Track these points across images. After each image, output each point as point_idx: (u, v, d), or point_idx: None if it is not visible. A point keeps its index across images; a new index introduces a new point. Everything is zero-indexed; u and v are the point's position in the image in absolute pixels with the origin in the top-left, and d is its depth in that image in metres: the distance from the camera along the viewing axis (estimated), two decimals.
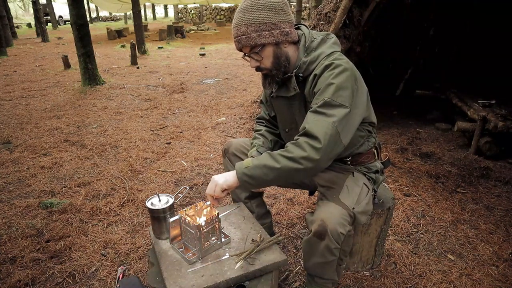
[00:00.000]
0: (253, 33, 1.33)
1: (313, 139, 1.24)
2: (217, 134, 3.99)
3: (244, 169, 1.29)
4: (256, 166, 1.28)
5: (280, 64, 1.40)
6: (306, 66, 1.39)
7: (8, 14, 13.79)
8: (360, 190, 1.43)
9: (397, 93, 4.95)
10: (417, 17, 4.48)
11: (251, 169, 1.28)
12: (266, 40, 1.34)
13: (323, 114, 1.27)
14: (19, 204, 2.57)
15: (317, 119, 1.27)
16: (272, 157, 1.27)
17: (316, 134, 1.24)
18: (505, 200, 2.57)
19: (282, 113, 1.60)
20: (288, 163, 1.25)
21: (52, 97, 5.75)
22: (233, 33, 1.39)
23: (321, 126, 1.25)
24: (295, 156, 1.24)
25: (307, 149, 1.24)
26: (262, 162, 1.28)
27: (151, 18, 31.81)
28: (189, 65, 8.80)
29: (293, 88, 1.43)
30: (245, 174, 1.29)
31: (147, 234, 2.23)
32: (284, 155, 1.26)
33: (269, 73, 1.43)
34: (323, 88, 1.30)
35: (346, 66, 1.32)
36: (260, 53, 1.37)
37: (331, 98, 1.27)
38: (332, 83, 1.28)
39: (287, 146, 1.29)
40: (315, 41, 1.41)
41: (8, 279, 1.85)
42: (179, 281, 1.25)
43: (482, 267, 1.90)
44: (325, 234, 1.27)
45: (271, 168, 1.26)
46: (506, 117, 3.13)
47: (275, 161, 1.26)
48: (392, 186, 2.76)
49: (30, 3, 20.45)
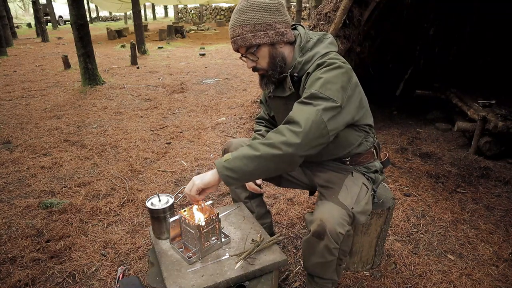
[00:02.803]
0: (248, 34, 1.33)
1: (293, 124, 1.23)
2: (217, 134, 3.99)
3: (224, 162, 1.25)
4: (235, 157, 1.24)
5: (276, 64, 1.40)
6: (301, 66, 1.39)
7: (8, 14, 13.79)
8: (359, 190, 1.43)
9: (397, 93, 4.95)
10: (417, 17, 4.48)
11: (230, 162, 1.24)
12: (261, 41, 1.34)
13: (309, 104, 1.25)
14: (19, 204, 2.57)
15: (301, 108, 1.26)
16: (251, 147, 1.24)
17: (297, 119, 1.22)
18: (505, 200, 2.57)
19: (279, 113, 1.60)
20: (267, 149, 1.21)
21: (52, 97, 5.75)
22: (229, 34, 1.40)
23: (304, 112, 1.23)
24: (274, 141, 1.21)
25: (287, 133, 1.21)
26: (242, 153, 1.24)
27: (151, 18, 31.80)
28: (189, 65, 8.80)
29: (288, 88, 1.43)
30: (225, 168, 1.24)
31: (147, 234, 2.23)
32: (263, 142, 1.23)
33: (265, 73, 1.44)
34: (311, 82, 1.30)
35: (340, 64, 1.31)
36: (255, 53, 1.37)
37: (318, 91, 1.25)
38: (321, 77, 1.28)
39: (266, 135, 1.27)
40: (310, 41, 1.41)
41: (8, 279, 1.85)
42: (179, 281, 1.25)
43: (482, 267, 1.90)
44: (324, 234, 1.27)
45: (251, 157, 1.22)
46: (506, 117, 3.13)
47: (254, 149, 1.22)
48: (392, 186, 2.76)
49: (30, 3, 20.44)
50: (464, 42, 4.62)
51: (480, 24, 4.39)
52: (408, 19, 4.42)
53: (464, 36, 4.57)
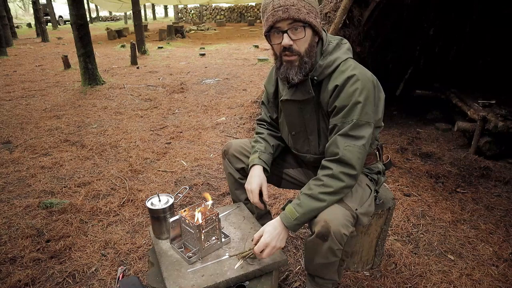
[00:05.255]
0: (303, 9, 1.27)
1: (348, 167, 1.29)
2: (217, 134, 3.99)
3: (294, 221, 1.31)
4: (303, 213, 1.30)
5: (312, 54, 1.34)
6: (322, 70, 1.37)
7: (8, 14, 13.80)
8: (362, 191, 1.43)
9: (397, 93, 4.95)
10: (417, 17, 4.47)
11: (300, 218, 1.30)
12: (313, 21, 1.29)
13: (353, 137, 1.30)
14: (19, 204, 2.57)
15: (348, 144, 1.30)
16: (314, 199, 1.29)
17: (350, 161, 1.29)
18: (505, 200, 2.57)
19: (291, 117, 1.54)
20: (332, 198, 1.29)
21: (52, 97, 5.75)
22: (278, 3, 1.26)
23: (353, 152, 1.29)
24: (336, 189, 1.29)
25: (345, 179, 1.29)
26: (308, 207, 1.30)
27: (151, 18, 31.81)
28: (189, 65, 8.80)
29: (308, 91, 1.39)
30: (297, 225, 1.32)
31: (147, 234, 2.23)
32: (325, 191, 1.29)
33: (298, 59, 1.32)
34: (349, 108, 1.30)
35: (369, 77, 1.34)
36: (300, 31, 1.28)
37: (358, 119, 1.30)
38: (359, 102, 1.29)
39: (321, 180, 1.30)
40: (330, 45, 1.39)
41: (8, 279, 1.85)
42: (179, 281, 1.25)
43: (482, 267, 1.90)
44: (328, 235, 1.26)
45: (318, 208, 1.29)
46: (506, 117, 3.12)
47: (319, 201, 1.29)
48: (392, 186, 2.76)
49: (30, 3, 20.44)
50: (464, 42, 4.62)
51: (480, 24, 4.39)
52: (408, 19, 4.41)
53: (464, 36, 4.57)
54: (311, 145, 1.53)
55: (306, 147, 1.55)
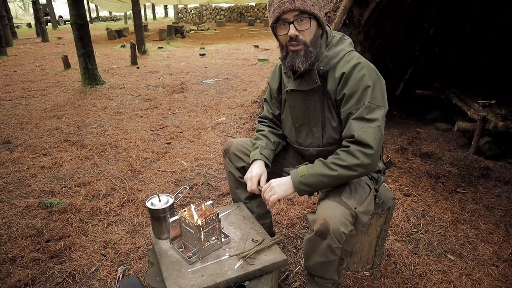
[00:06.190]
0: (309, 1, 1.33)
1: (366, 146, 1.31)
2: (217, 134, 3.99)
3: (300, 177, 1.37)
4: (311, 174, 1.35)
5: (317, 45, 1.39)
6: (328, 60, 1.41)
7: (8, 14, 13.80)
8: (362, 189, 1.43)
9: (397, 93, 4.95)
10: (417, 17, 4.47)
11: (307, 178, 1.36)
12: (318, 13, 1.35)
13: (366, 120, 1.33)
14: (19, 204, 2.57)
15: (363, 126, 1.33)
16: (326, 165, 1.35)
17: (368, 141, 1.30)
18: (505, 200, 2.57)
19: (295, 108, 1.56)
20: (343, 171, 1.32)
21: (52, 97, 5.75)
22: None
23: (369, 132, 1.31)
24: (349, 164, 1.31)
25: (360, 156, 1.30)
26: (318, 171, 1.35)
27: (151, 18, 31.80)
28: (189, 65, 8.80)
29: (314, 81, 1.43)
30: (301, 183, 1.37)
31: (147, 234, 2.23)
32: (338, 163, 1.33)
33: (303, 49, 1.37)
34: (360, 93, 1.34)
35: (371, 65, 1.39)
36: (306, 22, 1.34)
37: (371, 102, 1.33)
38: (368, 86, 1.33)
39: (338, 154, 1.35)
40: (334, 39, 1.45)
41: (8, 279, 1.85)
42: (179, 281, 1.25)
43: (482, 267, 1.90)
44: (327, 233, 1.27)
45: (327, 176, 1.33)
46: (506, 117, 3.13)
47: (330, 169, 1.33)
48: (392, 186, 2.76)
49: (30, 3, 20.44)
50: (464, 42, 4.62)
51: (480, 24, 4.39)
52: (408, 19, 4.41)
53: (464, 36, 4.57)
54: (315, 137, 1.54)
55: (309, 140, 1.57)
